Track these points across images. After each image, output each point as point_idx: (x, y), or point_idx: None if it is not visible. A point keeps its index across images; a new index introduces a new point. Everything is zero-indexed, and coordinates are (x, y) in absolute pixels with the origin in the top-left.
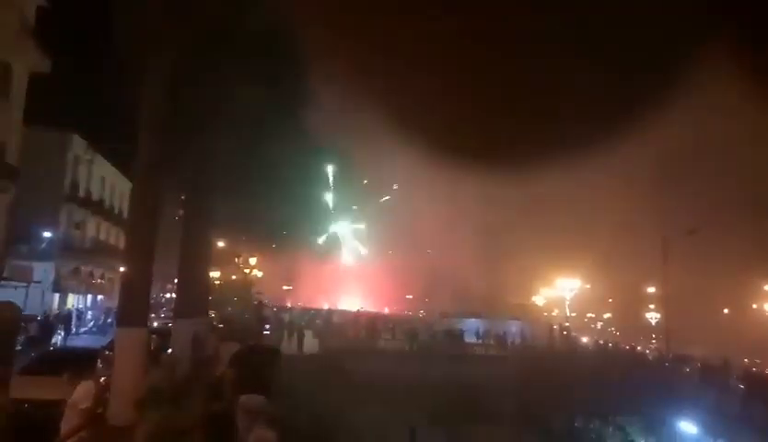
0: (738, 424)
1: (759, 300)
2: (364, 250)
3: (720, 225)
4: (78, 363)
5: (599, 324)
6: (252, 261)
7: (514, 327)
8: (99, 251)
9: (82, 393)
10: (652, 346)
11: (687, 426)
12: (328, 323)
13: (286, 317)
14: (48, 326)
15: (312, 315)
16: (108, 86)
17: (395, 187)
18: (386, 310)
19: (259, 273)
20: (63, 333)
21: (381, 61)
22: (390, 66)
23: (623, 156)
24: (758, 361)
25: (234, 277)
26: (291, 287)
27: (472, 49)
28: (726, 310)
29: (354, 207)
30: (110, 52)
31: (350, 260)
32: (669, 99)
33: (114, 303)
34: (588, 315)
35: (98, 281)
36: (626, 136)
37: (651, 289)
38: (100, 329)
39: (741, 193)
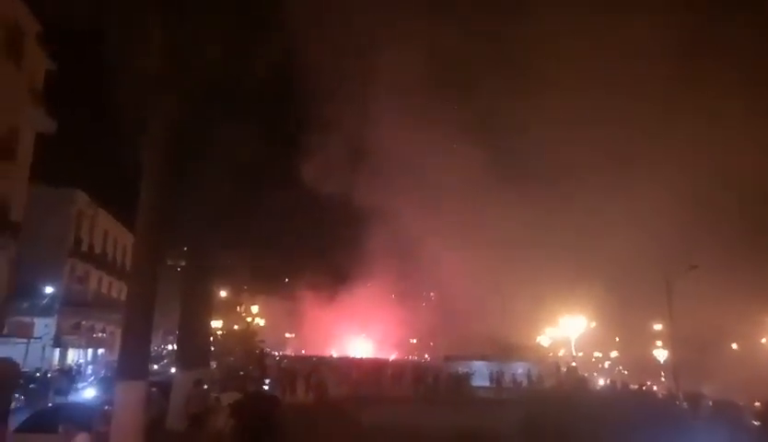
0: None
1: (767, 334)
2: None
3: (726, 260)
4: (76, 418)
5: (607, 363)
6: (254, 309)
7: (521, 368)
8: (101, 305)
9: None
10: (662, 384)
11: None
12: (331, 371)
13: (288, 365)
14: (47, 382)
15: (315, 362)
16: (111, 141)
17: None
18: (391, 356)
19: (261, 322)
20: (63, 389)
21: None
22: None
23: (627, 190)
24: None
25: (236, 327)
26: (294, 335)
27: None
28: (734, 346)
29: None
30: (112, 109)
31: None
32: (676, 130)
33: (115, 356)
34: (596, 354)
35: (100, 334)
36: (630, 170)
37: (658, 326)
38: (100, 383)
39: (747, 228)
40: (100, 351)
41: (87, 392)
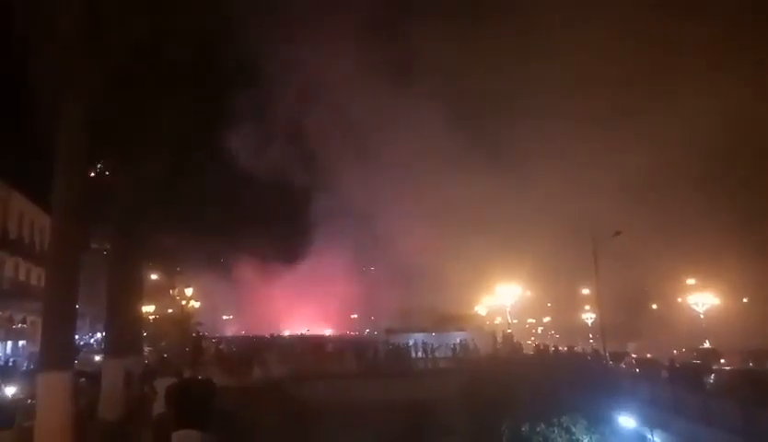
0: (671, 412)
1: (683, 294)
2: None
3: (647, 227)
4: None
5: (540, 329)
6: (189, 291)
7: (459, 338)
8: (19, 294)
9: None
10: (590, 346)
11: (626, 420)
12: (272, 350)
13: (226, 347)
14: None
15: (255, 342)
16: (23, 119)
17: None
18: (331, 332)
19: (196, 304)
20: None
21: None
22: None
23: (559, 160)
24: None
25: (170, 310)
26: (232, 316)
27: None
28: (654, 306)
29: None
30: (22, 87)
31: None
32: (606, 103)
33: (38, 347)
34: (529, 320)
35: (20, 325)
36: (562, 142)
37: (585, 291)
38: (23, 376)
39: (664, 194)
40: (21, 343)
41: (9, 387)
